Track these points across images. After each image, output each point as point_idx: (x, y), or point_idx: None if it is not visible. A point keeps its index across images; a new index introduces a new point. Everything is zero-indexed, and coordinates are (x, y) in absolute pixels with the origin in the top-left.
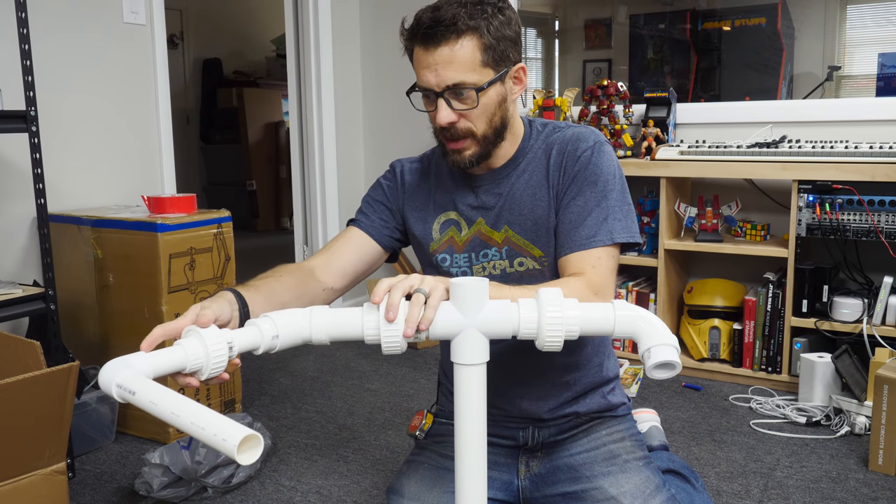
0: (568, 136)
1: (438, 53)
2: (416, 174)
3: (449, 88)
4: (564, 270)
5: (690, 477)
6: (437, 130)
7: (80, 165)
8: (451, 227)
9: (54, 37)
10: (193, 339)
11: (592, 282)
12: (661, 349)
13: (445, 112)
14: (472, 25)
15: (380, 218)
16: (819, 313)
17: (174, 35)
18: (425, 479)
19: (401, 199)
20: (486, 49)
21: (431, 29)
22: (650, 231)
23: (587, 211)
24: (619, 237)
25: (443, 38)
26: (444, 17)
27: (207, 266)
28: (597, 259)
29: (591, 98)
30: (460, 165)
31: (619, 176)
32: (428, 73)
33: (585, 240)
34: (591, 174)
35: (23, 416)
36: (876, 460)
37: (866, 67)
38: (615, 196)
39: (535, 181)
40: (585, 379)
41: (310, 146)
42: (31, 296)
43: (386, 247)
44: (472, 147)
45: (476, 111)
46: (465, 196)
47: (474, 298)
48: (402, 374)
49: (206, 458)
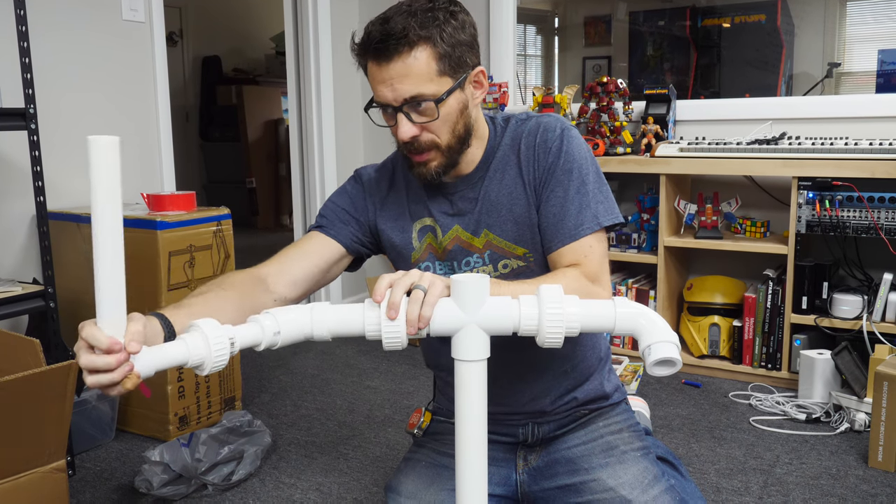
0: (533, 128)
1: (392, 68)
2: (384, 182)
3: (407, 102)
4: (558, 264)
5: (676, 463)
6: (401, 145)
7: (79, 163)
8: (427, 234)
9: (53, 34)
10: (195, 334)
11: (589, 271)
12: (662, 346)
13: (406, 127)
14: (424, 35)
15: (343, 223)
16: (819, 310)
17: (173, 32)
18: (423, 477)
19: (370, 208)
20: (441, 58)
21: (382, 43)
22: (650, 228)
23: (569, 201)
24: (605, 220)
25: (395, 52)
26: (394, 29)
27: (207, 264)
28: (588, 248)
29: (591, 95)
30: (427, 178)
31: (591, 159)
32: (384, 88)
33: (574, 230)
34: (564, 163)
35: (23, 413)
36: (876, 457)
37: (866, 64)
38: (592, 180)
39: (508, 180)
40: (583, 365)
41: (309, 143)
42: (31, 293)
43: (351, 250)
44: (437, 158)
45: (437, 122)
46: (439, 203)
47: (475, 295)
48: (402, 371)
49: (206, 456)
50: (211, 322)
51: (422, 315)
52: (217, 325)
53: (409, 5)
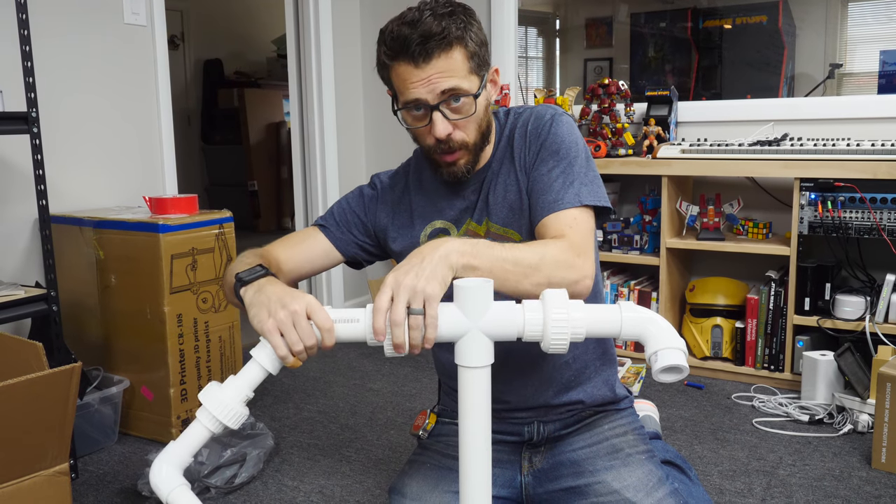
0: (526, 117)
1: (432, 66)
2: (397, 188)
3: (444, 100)
4: (543, 236)
5: (685, 467)
6: (431, 146)
7: (81, 166)
8: (439, 236)
9: (55, 38)
10: (205, 415)
11: (573, 242)
12: (669, 352)
13: (443, 125)
14: (458, 35)
15: (349, 228)
16: (821, 311)
17: (175, 36)
18: (428, 479)
19: (381, 215)
20: (471, 57)
21: (423, 45)
22: (652, 230)
23: (554, 177)
24: (588, 200)
25: (435, 51)
26: (433, 30)
27: (209, 266)
28: (573, 219)
29: (593, 97)
30: (457, 176)
31: (582, 145)
32: (420, 87)
33: (555, 203)
34: (551, 143)
35: (25, 417)
36: (879, 458)
37: (868, 65)
38: (579, 163)
39: (504, 169)
40: (583, 356)
41: (311, 146)
42: (33, 297)
43: (347, 256)
44: (465, 157)
45: (469, 119)
46: (451, 201)
47: (479, 301)
48: (405, 373)
49: (208, 459)
50: (214, 396)
51: (426, 337)
52: (227, 396)
53: (430, 8)
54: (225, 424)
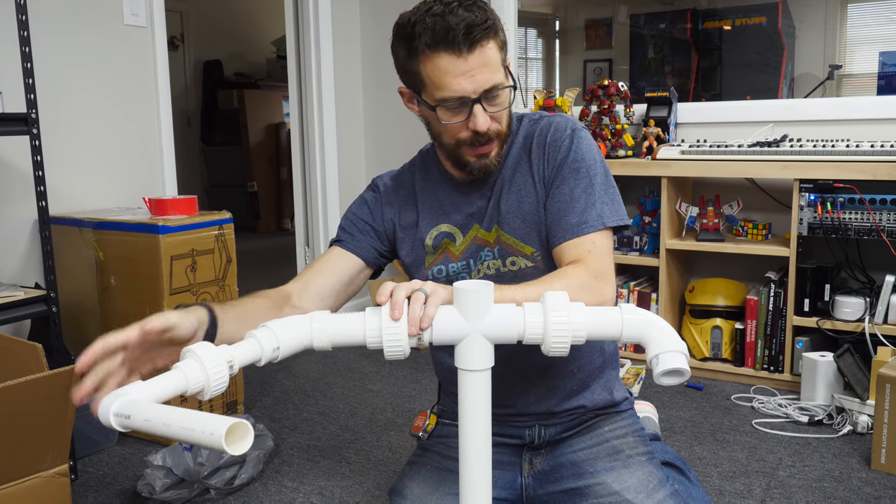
0: (544, 127)
1: (474, 58)
2: (401, 189)
3: (487, 91)
4: (561, 260)
5: (684, 468)
6: (462, 140)
7: (81, 168)
8: (444, 240)
9: (55, 39)
10: (191, 361)
11: (592, 267)
12: (671, 356)
13: (484, 117)
14: (493, 26)
15: (364, 236)
16: (821, 312)
17: (174, 37)
18: (428, 481)
19: (387, 217)
20: (502, 47)
21: (469, 34)
22: (651, 231)
23: (574, 198)
24: (610, 221)
25: (478, 41)
26: (476, 19)
27: (209, 268)
28: (592, 244)
29: (592, 98)
30: (490, 168)
31: (601, 160)
32: (462, 80)
33: (577, 226)
34: (573, 161)
35: (25, 418)
36: (878, 459)
37: (867, 66)
38: (599, 181)
39: (519, 178)
40: (589, 366)
41: (311, 147)
42: (33, 298)
43: (371, 263)
44: (495, 148)
45: (505, 111)
46: (458, 205)
47: (479, 303)
48: (404, 374)
49: (208, 460)
50: (206, 346)
51: (425, 314)
52: (212, 348)
53: (457, 0)
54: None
